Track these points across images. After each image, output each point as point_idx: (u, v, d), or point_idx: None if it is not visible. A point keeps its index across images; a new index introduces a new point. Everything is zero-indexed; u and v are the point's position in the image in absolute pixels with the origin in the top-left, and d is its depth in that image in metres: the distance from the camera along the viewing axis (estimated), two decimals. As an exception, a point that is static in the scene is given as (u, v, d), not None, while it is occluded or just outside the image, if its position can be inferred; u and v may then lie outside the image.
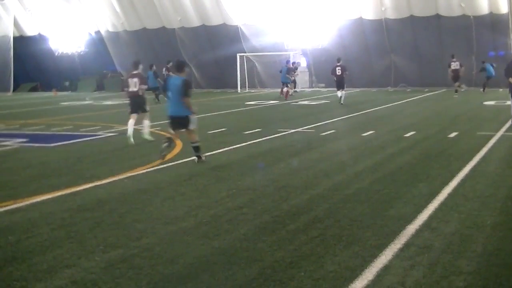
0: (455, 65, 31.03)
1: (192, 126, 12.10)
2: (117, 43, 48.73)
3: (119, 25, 47.66)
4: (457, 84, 31.01)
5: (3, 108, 31.95)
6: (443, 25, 38.61)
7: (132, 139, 15.28)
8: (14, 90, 49.79)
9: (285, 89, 33.17)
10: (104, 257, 6.23)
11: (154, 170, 11.43)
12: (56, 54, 51.42)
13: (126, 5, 46.12)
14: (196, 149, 12.22)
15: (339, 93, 28.01)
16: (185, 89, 12.02)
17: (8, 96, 45.51)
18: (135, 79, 16.09)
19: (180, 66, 12.55)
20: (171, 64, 31.95)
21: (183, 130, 12.23)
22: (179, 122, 12.14)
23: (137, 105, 16.10)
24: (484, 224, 7.13)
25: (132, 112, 16.03)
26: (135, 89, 15.95)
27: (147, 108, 16.29)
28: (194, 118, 12.10)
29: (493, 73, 33.98)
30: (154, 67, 31.88)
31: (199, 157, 12.18)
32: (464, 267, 5.68)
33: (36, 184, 10.27)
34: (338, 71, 28.08)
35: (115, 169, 11.58)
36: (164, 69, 33.62)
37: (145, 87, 16.32)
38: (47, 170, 11.79)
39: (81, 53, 50.78)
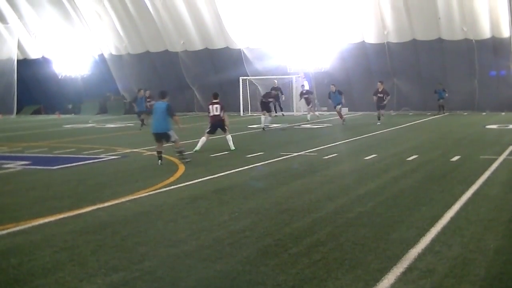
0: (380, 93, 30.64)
1: (173, 138, 15.84)
2: (120, 66, 48.92)
3: (122, 48, 47.90)
4: (381, 112, 30.50)
5: (6, 130, 32.04)
6: (445, 48, 38.72)
7: (197, 149, 18.85)
8: (17, 113, 49.93)
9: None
10: (106, 280, 6.22)
11: (156, 193, 11.43)
12: (60, 77, 51.62)
13: (129, 28, 46.39)
14: (180, 153, 15.84)
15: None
16: (171, 111, 15.94)
17: (11, 119, 45.64)
18: (216, 106, 19.58)
19: (163, 94, 16.76)
20: (142, 91, 32.48)
21: (165, 143, 15.91)
22: (162, 136, 15.75)
23: (216, 127, 19.67)
24: (487, 248, 7.12)
25: (210, 132, 19.70)
26: (217, 113, 19.38)
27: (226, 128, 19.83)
28: (172, 132, 15.78)
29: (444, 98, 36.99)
30: (146, 92, 31.95)
31: (183, 158, 15.67)
32: (467, 291, 5.66)
33: (38, 207, 10.27)
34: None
35: (117, 192, 11.58)
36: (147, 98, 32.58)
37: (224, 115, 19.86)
38: (49, 193, 11.80)
39: (84, 76, 50.96)
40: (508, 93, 37.62)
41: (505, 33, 36.89)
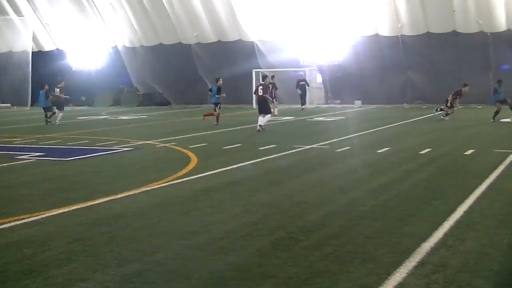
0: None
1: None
2: (134, 58, 49.05)
3: (136, 40, 48.01)
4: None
5: (21, 122, 32.23)
6: (460, 42, 38.52)
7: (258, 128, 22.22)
8: (31, 105, 50.15)
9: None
10: (119, 271, 6.25)
11: (170, 185, 11.46)
12: (74, 69, 51.78)
13: (143, 21, 46.48)
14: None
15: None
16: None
17: (26, 110, 45.85)
18: (260, 87, 23.39)
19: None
20: (63, 83, 32.06)
21: None
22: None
23: (261, 107, 23.15)
24: (501, 242, 7.08)
25: (260, 112, 22.90)
26: (260, 94, 23.14)
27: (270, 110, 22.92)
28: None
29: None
30: (47, 87, 30.83)
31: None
32: (481, 286, 5.64)
33: (52, 198, 10.32)
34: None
35: (130, 183, 11.61)
36: (56, 89, 32.01)
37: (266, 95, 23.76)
38: (63, 184, 11.85)
39: (98, 68, 51.09)
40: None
41: (521, 26, 36.65)
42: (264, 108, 23.44)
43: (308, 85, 39.46)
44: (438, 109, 28.46)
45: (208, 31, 44.95)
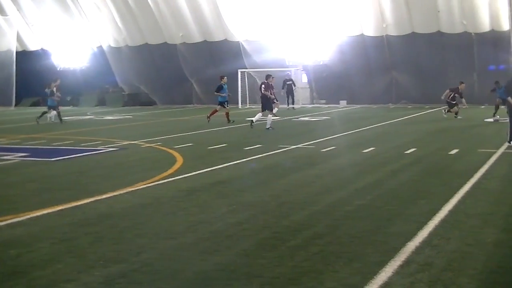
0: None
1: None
2: (119, 58, 48.84)
3: (121, 40, 47.82)
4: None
5: (5, 122, 32.02)
6: (444, 42, 38.73)
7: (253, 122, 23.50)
8: (16, 105, 49.82)
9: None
10: (104, 272, 6.23)
11: (155, 185, 11.44)
12: (58, 69, 51.47)
13: (128, 21, 46.31)
14: None
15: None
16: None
17: (10, 111, 45.54)
18: (262, 86, 24.48)
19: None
20: (59, 81, 31.98)
21: None
22: None
23: (263, 104, 24.08)
24: (485, 242, 7.12)
25: (262, 110, 23.89)
26: (262, 92, 24.17)
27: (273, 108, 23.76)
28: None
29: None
30: (54, 84, 31.07)
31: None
32: (465, 285, 5.67)
33: (37, 198, 10.28)
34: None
35: (116, 184, 11.58)
36: (46, 89, 31.58)
37: (267, 92, 24.29)
38: (48, 185, 11.80)
39: (83, 68, 50.84)
40: (507, 87, 37.56)
41: (505, 27, 36.86)
42: (266, 106, 24.27)
43: (295, 85, 39.54)
44: (446, 111, 28.47)
45: (193, 31, 44.86)
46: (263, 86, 24.81)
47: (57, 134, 22.65)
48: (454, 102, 27.75)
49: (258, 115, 24.16)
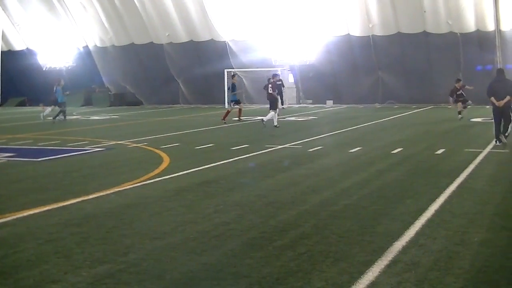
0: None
1: None
2: (105, 58, 48.69)
3: (107, 40, 47.66)
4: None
5: (-10, 122, 31.80)
6: (430, 42, 38.89)
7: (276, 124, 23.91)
8: (1, 105, 49.57)
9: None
10: (91, 272, 6.21)
11: (142, 185, 11.41)
12: (44, 68, 51.24)
13: (114, 20, 46.17)
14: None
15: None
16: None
17: (-5, 110, 45.32)
18: (270, 86, 25.31)
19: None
20: (63, 82, 32.33)
21: None
22: None
23: (270, 103, 24.71)
24: (471, 241, 7.16)
25: (270, 109, 24.43)
26: (270, 92, 25.00)
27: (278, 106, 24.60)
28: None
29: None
30: (63, 82, 31.64)
31: None
32: (452, 284, 5.70)
33: (23, 199, 10.22)
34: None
35: (102, 184, 11.55)
36: (56, 86, 31.80)
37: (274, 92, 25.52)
38: (34, 185, 11.74)
39: (69, 67, 50.61)
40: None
41: (490, 27, 37.08)
42: (273, 105, 24.80)
43: (283, 86, 39.40)
44: (461, 108, 28.31)
45: (180, 31, 44.80)
46: (270, 86, 25.55)
47: (44, 134, 22.54)
48: (461, 99, 27.41)
49: (271, 114, 24.43)
